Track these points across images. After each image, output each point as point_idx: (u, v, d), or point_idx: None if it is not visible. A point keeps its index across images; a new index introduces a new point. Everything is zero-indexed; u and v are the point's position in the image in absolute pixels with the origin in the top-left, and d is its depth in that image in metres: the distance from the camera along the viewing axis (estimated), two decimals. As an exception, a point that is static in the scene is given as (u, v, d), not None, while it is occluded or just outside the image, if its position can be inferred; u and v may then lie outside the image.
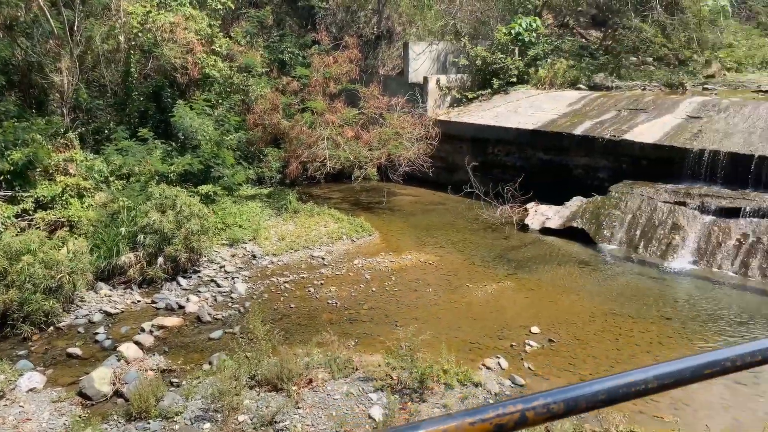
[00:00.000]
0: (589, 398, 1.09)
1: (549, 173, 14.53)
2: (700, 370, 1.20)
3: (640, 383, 1.14)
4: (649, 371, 1.16)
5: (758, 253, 10.14)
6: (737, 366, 1.23)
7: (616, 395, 1.12)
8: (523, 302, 9.30)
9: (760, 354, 1.25)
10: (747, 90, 16.70)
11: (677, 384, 1.18)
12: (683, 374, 1.18)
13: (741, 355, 1.24)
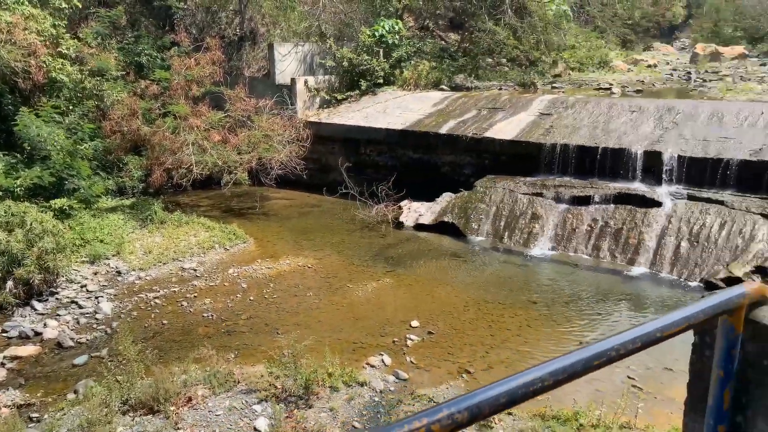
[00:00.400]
0: (492, 403, 1.09)
1: (419, 171, 15.01)
2: (590, 362, 1.26)
3: (537, 381, 1.17)
4: (545, 369, 1.20)
5: (607, 236, 11.18)
6: (621, 354, 1.32)
7: (516, 396, 1.14)
8: (403, 298, 9.52)
9: (640, 340, 1.35)
10: (589, 88, 18.36)
11: (571, 378, 1.23)
12: (575, 368, 1.24)
13: (623, 343, 1.32)
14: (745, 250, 9.80)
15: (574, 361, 1.24)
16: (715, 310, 1.49)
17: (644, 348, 1.38)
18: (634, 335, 1.35)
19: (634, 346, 1.34)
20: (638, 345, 1.35)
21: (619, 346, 1.31)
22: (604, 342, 1.31)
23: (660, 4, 39.94)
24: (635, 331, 1.37)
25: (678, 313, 1.43)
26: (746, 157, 10.97)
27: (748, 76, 19.61)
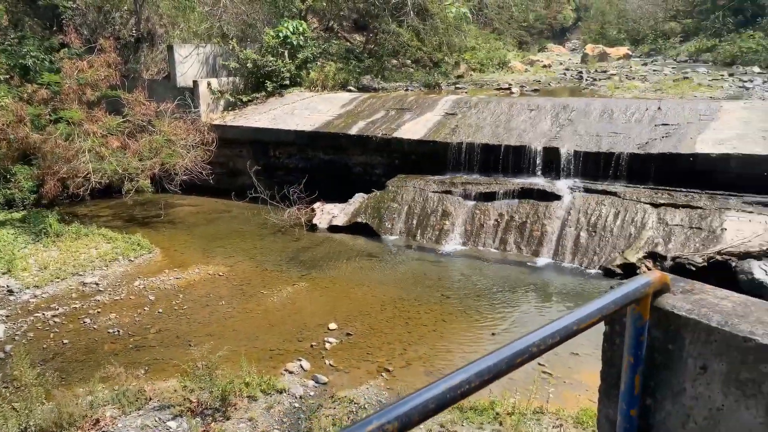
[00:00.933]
0: (421, 410, 1.10)
1: (331, 172, 14.98)
2: (513, 360, 1.31)
3: (464, 384, 1.19)
4: (470, 370, 1.22)
5: (512, 230, 11.66)
6: (542, 349, 1.38)
7: (445, 400, 1.15)
8: (319, 301, 9.46)
9: (558, 335, 1.42)
10: (490, 88, 19.06)
11: (496, 377, 1.27)
12: (500, 367, 1.27)
13: (543, 338, 1.38)
14: (638, 237, 10.53)
15: (498, 361, 1.28)
16: (624, 301, 1.59)
17: (563, 342, 1.45)
18: (553, 330, 1.42)
19: (553, 340, 1.40)
20: (557, 339, 1.41)
21: (539, 342, 1.37)
22: (525, 339, 1.36)
23: (552, 8, 42.17)
24: (553, 325, 1.43)
25: (591, 306, 1.51)
26: (635, 151, 11.80)
27: (633, 75, 21.09)
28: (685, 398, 1.68)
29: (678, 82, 18.34)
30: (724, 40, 32.19)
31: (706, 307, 1.68)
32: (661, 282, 1.72)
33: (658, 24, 40.28)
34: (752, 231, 9.78)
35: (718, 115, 12.59)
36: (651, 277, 1.70)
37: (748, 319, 1.60)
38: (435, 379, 1.17)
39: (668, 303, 1.72)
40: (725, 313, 1.64)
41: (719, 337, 1.60)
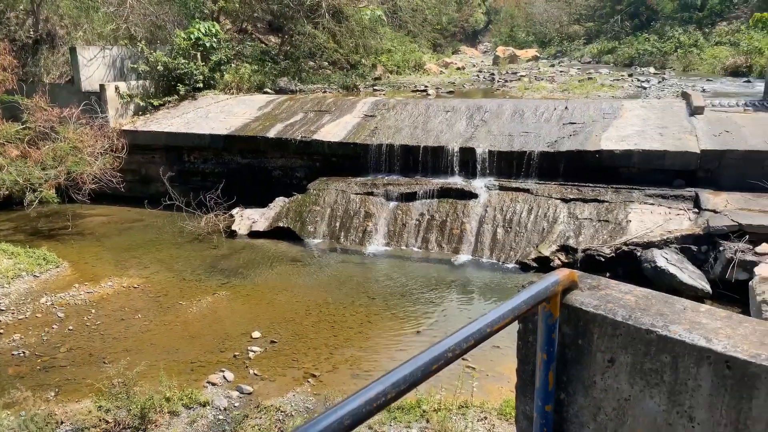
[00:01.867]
0: (336, 427, 1.07)
1: (250, 177, 14.70)
2: (429, 367, 1.31)
3: (380, 396, 1.17)
4: (386, 381, 1.21)
5: (433, 229, 11.87)
6: (457, 354, 1.39)
7: (361, 415, 1.12)
8: (241, 309, 9.25)
9: (473, 338, 1.45)
10: (407, 90, 19.33)
11: (413, 386, 1.26)
12: (415, 376, 1.27)
13: (458, 343, 1.40)
14: (550, 231, 11.01)
15: (414, 369, 1.28)
16: (535, 300, 1.65)
17: (477, 344, 1.47)
18: (467, 334, 1.44)
19: (468, 344, 1.43)
20: (471, 343, 1.44)
21: (454, 347, 1.39)
22: (439, 345, 1.38)
23: (463, 11, 43.32)
24: (467, 329, 1.46)
25: (504, 307, 1.56)
26: (545, 149, 12.32)
27: (541, 76, 22.03)
28: (596, 391, 1.76)
29: (583, 83, 19.32)
30: (623, 43, 34.24)
31: (612, 302, 1.77)
32: (569, 279, 1.80)
33: (563, 27, 42.30)
34: (654, 222, 10.45)
35: (619, 113, 13.36)
36: (560, 275, 1.77)
37: (649, 312, 1.71)
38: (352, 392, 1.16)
39: (577, 299, 1.80)
40: (629, 308, 1.73)
41: (624, 330, 1.69)
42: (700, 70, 25.24)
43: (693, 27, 31.40)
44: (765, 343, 1.54)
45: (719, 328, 1.62)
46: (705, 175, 11.37)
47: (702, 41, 28.94)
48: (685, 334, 1.59)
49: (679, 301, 1.81)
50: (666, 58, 28.74)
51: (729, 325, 1.64)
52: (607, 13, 40.13)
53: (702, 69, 25.25)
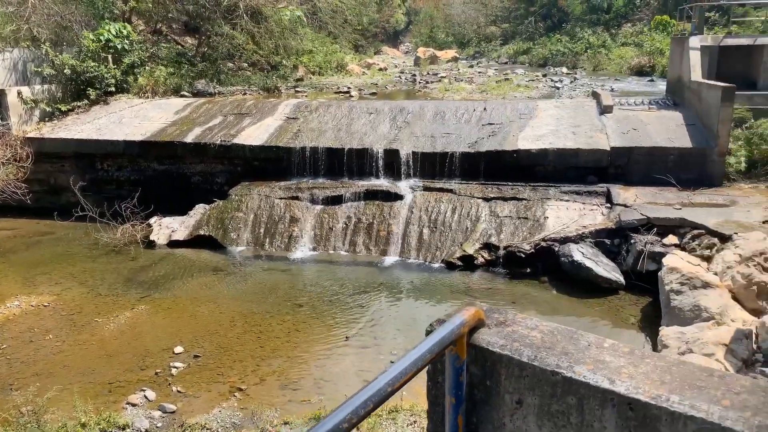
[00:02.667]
0: None
1: (168, 184, 14.16)
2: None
3: None
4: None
5: (361, 232, 11.86)
6: (353, 423, 1.31)
7: None
8: (162, 324, 8.89)
9: (371, 401, 1.36)
10: (330, 91, 19.24)
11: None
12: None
13: (354, 410, 1.32)
14: (474, 230, 11.25)
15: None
16: (440, 346, 1.60)
17: (377, 407, 1.41)
18: (365, 397, 1.36)
19: (366, 409, 1.34)
20: (370, 407, 1.36)
21: (351, 416, 1.30)
22: (333, 415, 1.28)
23: (384, 12, 43.61)
24: (365, 392, 1.39)
25: (405, 361, 1.49)
26: (466, 150, 12.57)
27: (461, 77, 22.50)
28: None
29: (500, 84, 19.89)
30: (537, 43, 35.56)
31: (518, 341, 1.76)
32: (475, 318, 1.77)
33: (481, 28, 43.41)
34: (569, 218, 10.88)
35: (535, 113, 13.84)
36: (466, 315, 1.74)
37: (554, 351, 1.71)
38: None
39: (483, 339, 1.77)
40: (535, 346, 1.73)
41: (530, 371, 1.68)
42: (609, 69, 26.57)
43: (601, 28, 33.02)
44: (665, 381, 1.57)
45: (622, 367, 1.63)
46: (615, 171, 11.96)
47: (609, 42, 30.48)
48: (589, 376, 1.60)
49: (584, 337, 1.82)
50: (577, 58, 30.07)
51: (632, 362, 1.66)
52: (521, 15, 41.55)
53: (610, 69, 26.59)
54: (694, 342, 6.97)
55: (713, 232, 9.24)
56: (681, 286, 8.02)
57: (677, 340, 7.16)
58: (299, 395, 6.76)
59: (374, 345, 8.00)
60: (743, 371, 6.63)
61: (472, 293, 9.78)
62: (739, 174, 11.83)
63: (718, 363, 6.54)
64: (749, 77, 14.94)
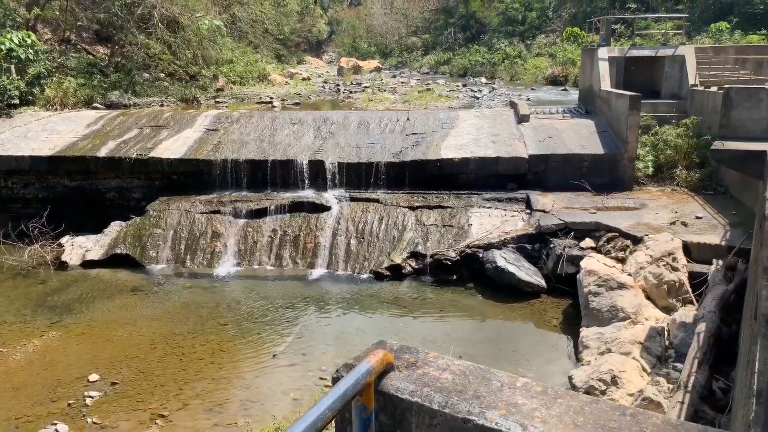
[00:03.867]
0: None
1: (80, 200, 13.42)
2: None
3: None
4: None
5: (287, 245, 11.66)
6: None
7: None
8: (76, 351, 8.36)
9: None
10: (252, 102, 18.89)
11: None
12: None
13: None
14: (401, 239, 11.30)
15: None
16: (344, 400, 1.49)
17: None
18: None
19: None
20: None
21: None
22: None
23: (305, 21, 43.44)
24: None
25: (308, 417, 1.36)
26: (391, 159, 12.65)
27: (384, 87, 22.70)
28: None
29: (423, 94, 20.20)
30: (457, 54, 36.46)
31: (429, 385, 1.68)
32: (383, 363, 1.66)
33: (402, 38, 44.06)
34: (492, 224, 11.14)
35: (456, 123, 14.13)
36: (372, 360, 1.63)
37: (466, 395, 1.64)
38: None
39: (393, 385, 1.68)
40: (446, 391, 1.65)
41: (441, 419, 1.60)
42: (525, 79, 27.59)
43: (517, 39, 34.28)
44: (578, 424, 1.55)
45: (535, 410, 1.61)
46: (534, 178, 12.37)
47: (525, 53, 31.69)
48: (501, 422, 1.55)
49: (496, 376, 1.78)
50: (495, 68, 31.06)
51: (544, 404, 1.64)
52: (441, 26, 42.51)
53: (526, 78, 27.61)
54: (613, 342, 7.27)
55: (626, 235, 9.71)
56: (598, 288, 8.35)
57: (597, 340, 7.44)
58: (225, 418, 6.51)
59: (303, 361, 7.85)
60: (658, 367, 6.97)
61: (401, 303, 9.80)
62: (648, 178, 12.52)
63: (634, 361, 6.84)
64: (653, 86, 15.90)
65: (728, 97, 11.04)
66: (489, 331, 8.87)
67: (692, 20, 25.35)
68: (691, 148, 12.36)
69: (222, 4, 24.70)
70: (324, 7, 53.21)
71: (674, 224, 10.07)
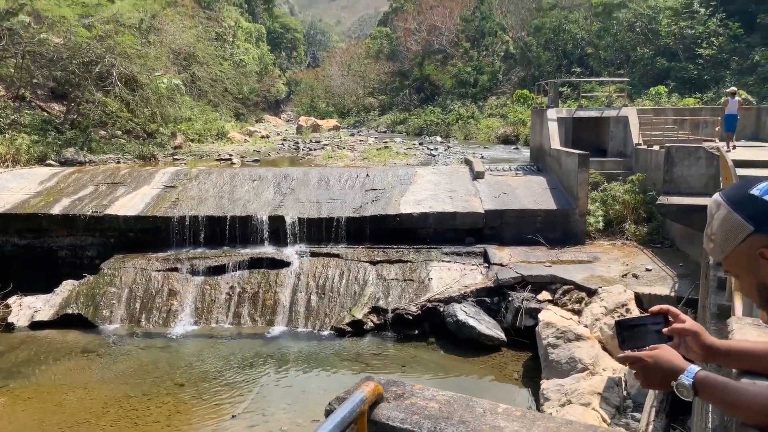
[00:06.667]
0: None
1: (31, 259, 12.99)
2: None
3: None
4: None
5: (245, 302, 11.49)
6: None
7: None
8: (22, 417, 7.92)
9: None
10: (210, 159, 18.92)
11: None
12: None
13: None
14: (362, 294, 11.31)
15: None
16: (341, 426, 1.56)
17: None
18: None
19: None
20: None
21: None
22: None
23: (264, 81, 44.18)
24: None
25: None
26: (351, 215, 12.79)
27: (343, 145, 23.12)
28: None
29: (381, 151, 20.65)
30: (413, 114, 37.55)
31: (418, 413, 1.79)
32: (375, 393, 1.78)
33: (360, 99, 45.20)
34: (452, 278, 11.30)
35: (414, 179, 14.46)
36: (365, 391, 1.74)
37: (452, 421, 1.75)
38: None
39: (384, 414, 1.78)
40: (434, 418, 1.77)
41: None
42: (478, 138, 28.55)
43: (469, 101, 35.62)
44: None
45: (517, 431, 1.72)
46: (490, 232, 12.68)
47: (477, 113, 32.90)
48: None
49: (479, 403, 1.89)
50: (450, 128, 32.08)
51: (524, 426, 1.75)
52: (397, 87, 43.85)
53: (480, 137, 28.58)
54: (572, 393, 7.38)
55: (581, 287, 9.99)
56: (557, 340, 8.52)
57: (557, 392, 7.54)
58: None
59: (263, 422, 7.65)
60: (617, 417, 7.09)
61: (363, 360, 9.72)
62: (599, 232, 13.00)
63: (595, 412, 6.95)
64: (600, 145, 16.72)
65: (670, 155, 11.71)
66: (451, 386, 8.85)
67: (633, 84, 26.97)
68: (638, 203, 12.96)
69: (182, 63, 24.98)
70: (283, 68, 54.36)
71: (626, 276, 10.43)
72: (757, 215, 1.36)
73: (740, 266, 1.43)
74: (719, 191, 1.51)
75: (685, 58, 27.58)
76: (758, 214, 1.36)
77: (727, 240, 1.41)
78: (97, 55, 18.65)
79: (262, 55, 47.88)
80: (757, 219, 1.36)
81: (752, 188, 1.39)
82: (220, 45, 33.14)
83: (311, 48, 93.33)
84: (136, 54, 19.55)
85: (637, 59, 29.82)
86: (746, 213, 1.37)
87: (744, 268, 1.43)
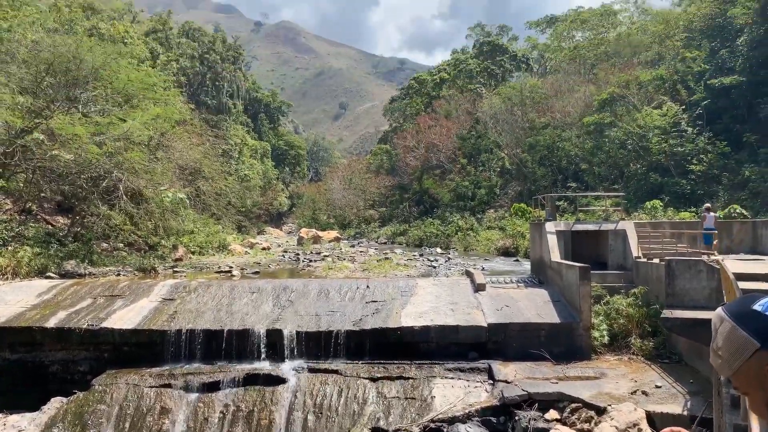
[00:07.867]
0: None
1: (19, 374, 12.58)
2: None
3: None
4: None
5: (239, 421, 10.98)
6: None
7: None
8: None
9: None
10: (211, 271, 18.91)
11: None
12: None
13: None
14: (361, 413, 10.83)
15: None
16: None
17: None
18: None
19: None
20: None
21: None
22: None
23: (267, 195, 45.28)
24: None
25: None
26: (351, 327, 12.56)
27: (343, 256, 23.20)
28: None
29: (381, 262, 20.69)
30: (413, 226, 38.08)
31: None
32: None
33: (360, 211, 46.08)
34: (455, 396, 10.88)
35: (415, 291, 14.36)
36: None
37: None
38: None
39: None
40: None
41: None
42: (478, 250, 28.73)
43: (468, 213, 36.26)
44: None
45: None
46: (494, 347, 12.39)
47: (476, 226, 33.36)
48: None
49: None
50: (449, 239, 32.39)
51: None
52: (397, 200, 44.86)
53: (479, 249, 28.76)
54: None
55: (589, 405, 9.60)
56: (567, 463, 8.05)
57: None
58: None
59: None
60: None
61: (361, 485, 9.12)
62: (604, 347, 12.70)
63: None
64: (600, 257, 16.78)
65: (671, 268, 11.71)
66: None
67: (628, 198, 27.60)
68: (642, 317, 12.77)
69: (187, 178, 25.72)
70: (286, 182, 55.95)
71: (635, 393, 10.06)
72: (763, 331, 1.37)
73: (749, 382, 1.42)
74: (722, 305, 1.52)
75: (678, 173, 28.44)
76: (763, 331, 1.37)
77: (733, 356, 1.41)
78: (106, 170, 19.24)
79: (266, 170, 49.51)
80: (763, 335, 1.37)
81: (755, 303, 1.41)
82: (226, 161, 34.35)
83: (314, 163, 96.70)
84: (144, 169, 20.17)
85: (630, 174, 30.73)
86: (751, 329, 1.38)
87: (753, 384, 1.42)
